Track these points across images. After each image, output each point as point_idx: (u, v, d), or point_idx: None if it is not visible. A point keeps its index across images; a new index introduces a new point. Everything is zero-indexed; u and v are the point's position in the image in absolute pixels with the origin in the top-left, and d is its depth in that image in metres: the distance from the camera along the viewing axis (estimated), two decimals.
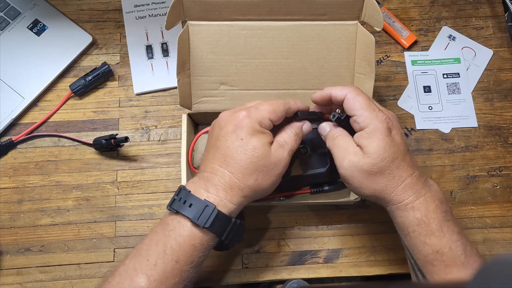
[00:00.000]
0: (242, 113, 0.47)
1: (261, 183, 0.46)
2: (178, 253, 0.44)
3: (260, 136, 0.46)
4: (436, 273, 0.45)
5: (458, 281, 0.43)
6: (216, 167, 0.46)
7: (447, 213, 0.46)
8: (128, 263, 0.45)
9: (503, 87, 0.67)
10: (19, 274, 0.58)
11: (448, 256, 0.44)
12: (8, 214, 0.60)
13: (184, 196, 0.46)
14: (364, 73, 0.56)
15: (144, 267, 0.44)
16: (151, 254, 0.44)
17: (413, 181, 0.45)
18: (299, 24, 0.56)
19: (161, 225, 0.47)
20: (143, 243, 0.46)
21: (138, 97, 0.66)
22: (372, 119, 0.46)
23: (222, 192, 0.46)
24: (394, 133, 0.46)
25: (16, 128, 0.64)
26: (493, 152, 0.64)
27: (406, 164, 0.46)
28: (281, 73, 0.58)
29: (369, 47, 0.54)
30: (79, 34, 0.66)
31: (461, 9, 0.71)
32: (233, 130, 0.46)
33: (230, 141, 0.46)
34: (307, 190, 0.57)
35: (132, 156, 0.63)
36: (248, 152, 0.46)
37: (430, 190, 0.46)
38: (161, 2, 0.68)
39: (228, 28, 0.56)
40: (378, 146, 0.45)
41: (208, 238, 0.45)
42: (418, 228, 0.45)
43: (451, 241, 0.44)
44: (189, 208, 0.45)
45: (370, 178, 0.46)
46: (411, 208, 0.45)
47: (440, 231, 0.45)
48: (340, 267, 0.59)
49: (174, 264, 0.44)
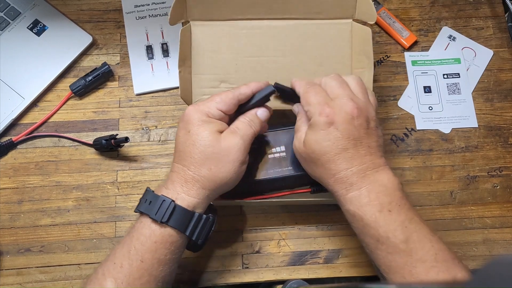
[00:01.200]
0: (189, 108, 0.49)
1: (215, 172, 0.47)
2: (142, 252, 0.45)
3: (208, 126, 0.47)
4: (381, 260, 0.46)
5: (458, 281, 0.43)
6: (175, 164, 0.49)
7: (390, 204, 0.45)
8: (98, 269, 0.46)
9: (503, 88, 0.67)
10: (19, 274, 0.58)
11: (388, 245, 0.45)
12: (8, 215, 0.60)
13: (147, 196, 0.47)
14: (363, 67, 0.56)
15: (111, 271, 0.45)
16: (117, 256, 0.45)
17: (346, 175, 0.46)
18: (297, 23, 0.57)
19: (129, 228, 0.48)
20: (113, 248, 0.47)
21: (138, 97, 0.66)
22: (313, 113, 0.47)
23: (179, 186, 0.47)
24: (333, 128, 0.46)
25: (16, 129, 0.64)
26: (493, 152, 0.64)
27: (341, 160, 0.46)
28: (280, 70, 0.58)
29: (365, 39, 0.55)
30: (79, 34, 0.67)
31: (461, 10, 0.71)
32: (183, 126, 0.48)
33: (180, 136, 0.48)
34: (307, 189, 0.57)
35: (132, 157, 0.63)
36: (196, 143, 0.47)
37: (371, 183, 0.46)
38: (161, 2, 0.68)
39: (229, 28, 0.57)
40: (310, 138, 0.47)
41: (170, 233, 0.46)
42: (354, 220, 0.47)
43: (389, 231, 0.45)
44: (149, 205, 0.46)
45: (309, 164, 0.49)
46: (344, 201, 0.47)
47: (375, 222, 0.45)
48: (340, 267, 0.59)
49: (140, 264, 0.45)
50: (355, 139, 0.46)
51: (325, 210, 0.61)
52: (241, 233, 0.60)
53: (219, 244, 0.60)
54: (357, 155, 0.46)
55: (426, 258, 0.44)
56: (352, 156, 0.46)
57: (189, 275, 0.58)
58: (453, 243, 0.60)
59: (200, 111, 0.48)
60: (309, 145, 0.47)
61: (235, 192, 0.56)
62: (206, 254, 0.59)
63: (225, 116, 0.49)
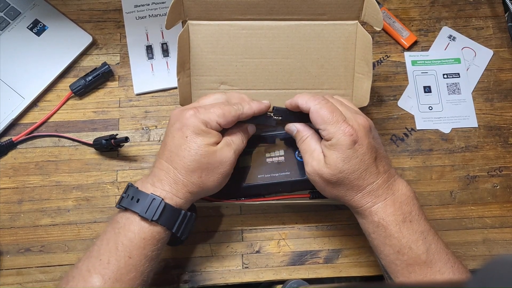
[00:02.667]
0: (190, 112, 0.48)
1: (205, 180, 0.48)
2: (130, 248, 0.45)
3: (205, 136, 0.48)
4: (400, 272, 0.46)
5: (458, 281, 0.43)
6: (163, 162, 0.48)
7: (410, 214, 0.47)
8: (81, 266, 0.45)
9: (503, 87, 0.67)
10: (19, 274, 0.58)
11: (409, 256, 0.46)
12: (8, 214, 0.60)
13: (132, 192, 0.47)
14: (363, 73, 0.56)
15: (98, 267, 0.45)
16: (103, 253, 0.45)
17: (373, 188, 0.47)
18: (299, 24, 0.56)
19: (111, 224, 0.48)
20: (94, 244, 0.47)
21: (138, 97, 0.66)
22: (335, 133, 0.46)
23: (168, 186, 0.47)
24: (358, 144, 0.46)
25: (16, 128, 0.64)
26: (493, 152, 0.64)
27: (368, 174, 0.47)
28: (281, 72, 0.58)
29: (366, 46, 0.54)
30: (79, 34, 0.66)
31: (461, 9, 0.71)
32: (180, 127, 0.48)
33: (176, 138, 0.48)
34: (306, 195, 0.57)
35: (132, 156, 0.63)
36: (192, 150, 0.47)
37: (393, 194, 0.47)
38: (161, 2, 0.68)
39: (228, 28, 0.56)
40: (337, 158, 0.46)
41: (158, 231, 0.47)
42: (377, 230, 0.47)
43: (411, 241, 0.46)
44: (137, 203, 0.46)
45: (330, 186, 0.48)
46: (369, 213, 0.47)
47: (399, 232, 0.46)
48: (340, 267, 0.59)
49: (128, 260, 0.45)
50: (375, 152, 0.47)
51: (324, 210, 0.61)
52: (241, 233, 0.60)
53: (219, 244, 0.60)
54: (380, 167, 0.47)
55: (444, 270, 0.45)
56: (376, 169, 0.47)
57: (189, 275, 0.58)
58: (453, 243, 0.60)
59: (200, 119, 0.48)
60: (335, 165, 0.46)
61: (235, 194, 0.56)
62: (206, 254, 0.59)
63: (221, 128, 0.50)
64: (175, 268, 0.59)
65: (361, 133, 0.46)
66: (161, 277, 0.58)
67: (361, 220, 0.49)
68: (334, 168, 0.46)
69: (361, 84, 0.57)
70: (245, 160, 0.56)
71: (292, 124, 0.52)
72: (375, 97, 0.66)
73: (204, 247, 0.60)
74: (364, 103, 0.56)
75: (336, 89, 0.58)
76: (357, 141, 0.46)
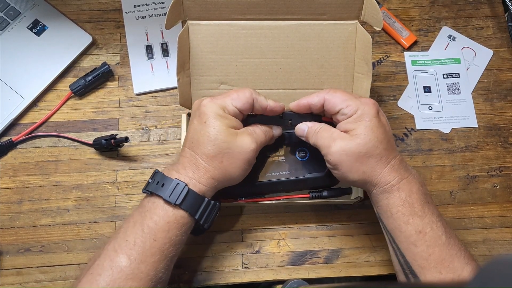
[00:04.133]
0: (207, 99, 0.50)
1: (226, 166, 0.48)
2: (155, 231, 0.46)
3: (224, 120, 0.48)
4: (419, 254, 0.46)
5: (458, 281, 0.43)
6: (186, 149, 0.49)
7: (427, 196, 0.48)
8: (107, 246, 0.46)
9: (503, 87, 0.67)
10: (19, 274, 0.58)
11: (430, 236, 0.46)
12: (8, 214, 0.60)
13: (158, 178, 0.48)
14: (363, 73, 0.56)
15: (124, 247, 0.45)
16: (129, 234, 0.46)
17: (397, 163, 0.48)
18: (299, 23, 0.56)
19: (138, 208, 0.49)
20: (120, 227, 0.48)
21: (138, 97, 0.66)
22: (359, 104, 0.48)
23: (191, 172, 0.48)
24: (380, 114, 0.48)
25: (16, 128, 0.64)
26: (493, 152, 0.64)
27: (391, 146, 0.48)
28: (281, 72, 0.58)
29: (366, 46, 0.54)
30: (79, 34, 0.66)
31: (461, 9, 0.71)
32: (198, 115, 0.49)
33: (195, 124, 0.49)
34: (306, 195, 0.57)
35: (132, 156, 0.63)
36: (211, 134, 0.48)
37: (411, 173, 0.48)
38: (161, 2, 0.68)
39: (228, 28, 0.56)
40: (365, 128, 0.47)
41: (182, 215, 0.47)
42: (402, 208, 0.47)
43: (432, 222, 0.46)
44: (162, 188, 0.47)
45: (360, 160, 0.47)
46: (397, 189, 0.47)
47: (422, 211, 0.46)
48: (340, 267, 0.59)
49: (153, 242, 0.46)
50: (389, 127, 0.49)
51: (324, 210, 0.61)
52: (241, 233, 0.60)
53: (219, 244, 0.60)
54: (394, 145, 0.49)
55: (460, 254, 0.46)
56: (394, 143, 0.49)
57: (189, 275, 0.58)
58: None
59: (217, 104, 0.49)
60: (365, 134, 0.46)
61: (234, 193, 0.56)
62: (206, 254, 0.59)
63: (240, 114, 0.50)
64: (175, 268, 0.58)
65: (378, 106, 0.49)
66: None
67: (385, 201, 0.48)
68: (363, 137, 0.46)
69: (361, 83, 0.57)
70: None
71: (302, 124, 0.53)
72: (375, 97, 0.66)
73: (204, 247, 0.60)
74: None
75: None
76: (379, 110, 0.48)
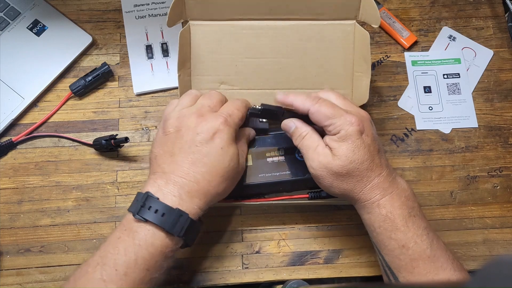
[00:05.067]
0: (220, 120, 0.47)
1: (227, 189, 0.49)
2: (150, 262, 0.44)
3: (235, 146, 0.49)
4: (403, 267, 0.46)
5: (458, 281, 0.43)
6: (191, 173, 0.46)
7: (414, 209, 0.47)
8: (93, 273, 0.43)
9: (504, 88, 0.67)
10: (19, 274, 0.58)
11: (414, 250, 0.46)
12: (8, 215, 0.60)
13: (154, 204, 0.45)
14: (362, 71, 0.56)
15: (114, 278, 0.43)
16: (119, 264, 0.43)
17: (380, 180, 0.47)
18: (298, 23, 0.57)
19: (128, 232, 0.45)
20: (107, 251, 0.44)
21: (138, 97, 0.66)
22: (342, 125, 0.46)
23: (196, 199, 0.46)
24: (364, 134, 0.47)
25: (16, 129, 0.64)
26: (493, 152, 0.64)
27: (375, 165, 0.47)
28: (281, 72, 0.58)
29: (364, 44, 0.55)
30: (79, 34, 0.66)
31: (461, 10, 0.71)
32: (212, 137, 0.47)
33: (209, 148, 0.47)
34: (305, 195, 0.57)
35: (132, 157, 0.63)
36: (226, 161, 0.47)
37: (398, 188, 0.47)
38: (161, 2, 0.68)
39: (229, 28, 0.56)
40: (347, 149, 0.46)
41: (177, 242, 0.46)
42: (383, 224, 0.47)
43: (416, 236, 0.46)
44: (162, 217, 0.44)
45: (340, 179, 0.47)
46: (377, 205, 0.47)
47: (405, 226, 0.46)
48: (340, 267, 0.59)
49: (146, 272, 0.44)
50: (378, 144, 0.48)
51: (325, 210, 0.61)
52: (241, 233, 0.60)
53: (219, 244, 0.60)
54: (382, 160, 0.48)
55: (446, 266, 0.46)
56: (380, 160, 0.47)
57: (189, 275, 0.58)
58: (453, 243, 0.60)
59: (231, 127, 0.48)
60: (346, 156, 0.46)
61: (234, 194, 0.56)
62: (206, 254, 0.59)
63: None
64: (175, 268, 0.59)
65: (366, 123, 0.47)
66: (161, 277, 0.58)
67: (366, 216, 0.48)
68: (344, 159, 0.46)
69: (360, 82, 0.57)
70: (246, 159, 0.56)
71: (290, 120, 0.51)
72: (375, 97, 0.66)
73: (204, 247, 0.59)
74: (364, 101, 0.56)
75: (336, 88, 0.58)
76: (363, 131, 0.46)
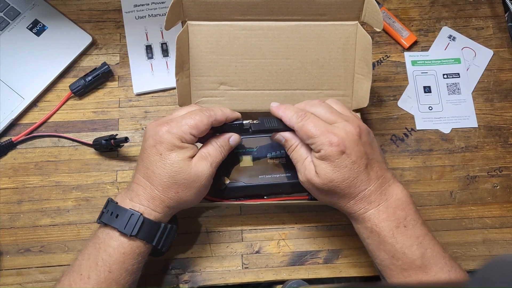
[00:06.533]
0: (164, 128, 0.48)
1: (182, 195, 0.48)
2: (110, 263, 0.46)
3: (180, 151, 0.48)
4: (395, 277, 0.47)
5: (458, 281, 0.43)
6: (141, 178, 0.49)
7: (405, 219, 0.47)
8: (63, 280, 0.47)
9: (503, 88, 0.67)
10: (19, 274, 0.58)
11: (404, 261, 0.46)
12: (8, 215, 0.60)
13: (112, 208, 0.48)
14: (363, 74, 0.56)
15: (78, 282, 0.46)
16: (84, 268, 0.46)
17: (365, 195, 0.47)
18: (299, 24, 0.56)
19: (92, 239, 0.49)
20: (76, 259, 0.48)
21: (138, 97, 0.66)
22: (322, 145, 0.46)
23: (145, 201, 0.48)
24: (345, 154, 0.46)
25: (16, 129, 0.64)
26: (493, 152, 0.64)
27: (359, 182, 0.47)
28: (281, 73, 0.58)
29: (366, 47, 0.54)
30: (79, 34, 0.66)
31: (461, 9, 0.71)
32: (154, 144, 0.48)
33: (151, 155, 0.48)
34: (304, 196, 0.57)
35: (132, 157, 0.63)
36: (167, 167, 0.47)
37: (387, 199, 0.47)
38: (160, 2, 0.68)
39: (228, 28, 0.56)
40: (326, 169, 0.46)
41: (138, 245, 0.48)
42: (371, 235, 0.47)
43: (405, 247, 0.46)
44: (116, 219, 0.47)
45: (323, 194, 0.49)
46: (362, 219, 0.48)
47: (392, 238, 0.46)
48: (340, 267, 0.59)
49: (108, 274, 0.46)
50: (366, 158, 0.47)
51: (324, 210, 0.61)
52: (241, 233, 0.60)
53: (219, 244, 0.60)
54: (372, 173, 0.47)
55: (440, 275, 0.45)
56: (368, 176, 0.47)
57: (189, 275, 0.58)
58: (453, 243, 0.60)
59: (174, 134, 0.47)
60: (325, 176, 0.46)
61: (234, 195, 0.56)
62: (206, 254, 0.59)
63: (196, 138, 0.49)
64: (175, 268, 0.59)
65: (349, 142, 0.46)
66: (161, 277, 0.58)
67: (356, 225, 0.50)
68: (324, 178, 0.46)
69: (361, 85, 0.57)
70: (246, 160, 0.56)
71: (279, 134, 0.51)
72: (375, 97, 0.66)
73: (204, 247, 0.60)
74: (364, 104, 0.56)
75: (336, 90, 0.58)
76: (345, 150, 0.45)
